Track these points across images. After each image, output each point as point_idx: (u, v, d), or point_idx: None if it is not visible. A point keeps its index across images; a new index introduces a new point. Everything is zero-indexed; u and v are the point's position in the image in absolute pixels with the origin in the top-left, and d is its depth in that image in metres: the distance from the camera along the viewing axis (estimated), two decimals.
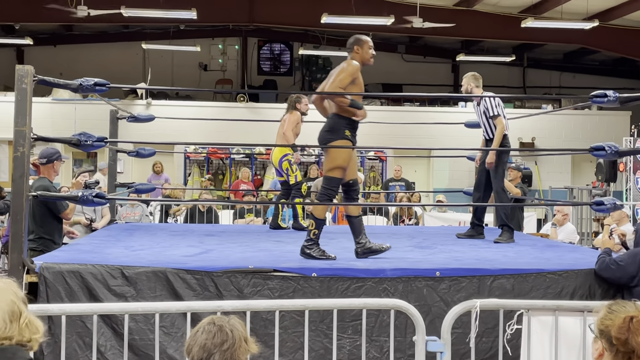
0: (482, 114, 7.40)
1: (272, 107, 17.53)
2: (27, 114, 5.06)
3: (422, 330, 3.72)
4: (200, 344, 2.45)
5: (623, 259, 5.30)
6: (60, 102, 16.70)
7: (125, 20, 16.76)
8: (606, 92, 5.94)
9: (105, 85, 5.58)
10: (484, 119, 7.45)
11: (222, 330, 2.46)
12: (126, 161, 16.12)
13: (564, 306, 4.07)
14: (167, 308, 4.07)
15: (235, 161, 17.21)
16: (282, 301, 4.33)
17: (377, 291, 5.10)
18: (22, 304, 2.47)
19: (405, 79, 19.86)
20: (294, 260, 5.64)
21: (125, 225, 9.12)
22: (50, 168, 6.65)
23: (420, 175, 18.23)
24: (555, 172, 18.31)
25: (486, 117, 7.37)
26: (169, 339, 4.81)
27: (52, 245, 6.46)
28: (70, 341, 4.69)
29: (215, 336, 2.45)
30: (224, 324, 2.48)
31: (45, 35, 18.99)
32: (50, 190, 6.35)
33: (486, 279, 5.23)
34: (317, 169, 14.70)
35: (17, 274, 4.89)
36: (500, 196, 7.43)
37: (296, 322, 4.78)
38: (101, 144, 5.61)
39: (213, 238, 7.35)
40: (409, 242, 7.20)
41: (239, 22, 18.18)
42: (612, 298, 5.17)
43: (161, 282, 5.00)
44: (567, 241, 9.26)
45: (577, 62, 20.80)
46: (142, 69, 19.35)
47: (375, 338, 4.95)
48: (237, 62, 20.14)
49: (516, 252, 6.60)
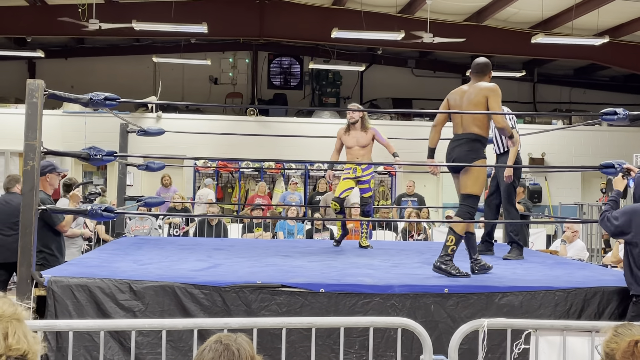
0: (495, 128, 7.31)
1: (282, 121, 17.58)
2: (38, 128, 5.08)
3: (429, 349, 3.70)
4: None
5: (618, 217, 5.36)
6: (70, 115, 16.77)
7: (137, 34, 16.87)
8: (616, 110, 5.92)
9: (116, 99, 5.61)
10: (497, 133, 7.41)
11: (228, 349, 2.44)
12: (136, 174, 16.17)
13: (572, 326, 4.04)
14: (174, 325, 4.06)
15: (244, 175, 17.23)
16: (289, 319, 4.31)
17: (384, 307, 5.09)
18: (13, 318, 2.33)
19: (415, 94, 19.88)
20: (302, 275, 5.63)
21: (134, 238, 9.14)
22: (44, 181, 6.63)
23: (429, 190, 18.20)
24: (565, 187, 18.25)
25: (499, 131, 7.23)
26: (176, 353, 4.81)
27: (50, 258, 6.47)
28: (78, 355, 4.70)
29: (222, 355, 2.43)
30: (230, 343, 2.47)
31: (57, 48, 19.11)
32: (47, 203, 6.38)
33: (494, 296, 5.22)
34: (325, 183, 14.70)
35: (25, 288, 4.90)
36: (510, 213, 7.41)
37: (303, 337, 4.77)
38: (111, 158, 5.62)
39: (221, 252, 7.36)
40: (417, 258, 7.19)
41: (250, 36, 18.26)
42: (621, 316, 5.16)
43: (169, 296, 5.01)
44: (576, 258, 9.21)
45: (587, 78, 20.77)
46: (153, 82, 19.44)
47: (382, 354, 4.93)
48: (248, 76, 20.21)
49: (525, 269, 6.57)
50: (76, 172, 17.22)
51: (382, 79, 20.32)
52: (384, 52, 18.86)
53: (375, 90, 20.07)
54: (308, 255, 7.30)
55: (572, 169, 15.62)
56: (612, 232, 5.44)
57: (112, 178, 16.73)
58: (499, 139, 7.47)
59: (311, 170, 16.97)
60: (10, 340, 2.26)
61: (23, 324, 2.33)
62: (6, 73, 19.05)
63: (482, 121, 5.97)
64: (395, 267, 6.50)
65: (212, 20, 15.48)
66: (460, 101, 6.09)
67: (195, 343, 3.75)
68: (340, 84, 20.09)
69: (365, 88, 20.48)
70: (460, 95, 6.11)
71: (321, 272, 5.95)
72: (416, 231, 12.36)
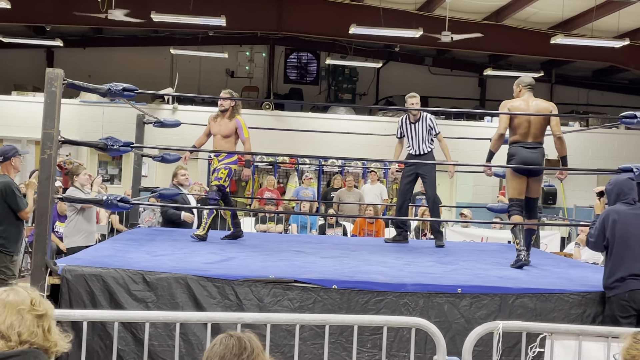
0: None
1: (297, 116, 17.55)
2: (56, 117, 5.10)
3: (443, 350, 3.68)
4: (219, 354, 2.44)
5: (592, 234, 5.52)
6: (88, 104, 16.82)
7: (155, 25, 16.88)
8: (636, 114, 5.90)
9: (133, 90, 5.61)
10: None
11: (240, 341, 2.46)
12: (150, 165, 16.20)
13: (588, 331, 4.01)
14: (188, 318, 4.07)
15: (258, 169, 17.23)
16: (303, 315, 4.31)
17: (397, 305, 5.07)
18: (43, 312, 2.56)
19: (432, 92, 19.79)
20: (314, 271, 5.62)
21: (148, 229, 9.16)
22: (8, 165, 6.68)
23: (443, 189, 18.12)
24: (581, 190, 18.11)
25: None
26: (188, 346, 4.82)
27: (6, 243, 6.55)
28: (93, 343, 4.72)
29: (234, 347, 2.45)
30: (241, 336, 2.49)
31: (76, 37, 19.17)
32: (12, 187, 6.43)
33: (508, 298, 5.19)
34: (340, 179, 14.68)
35: (40, 276, 4.92)
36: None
37: (315, 334, 4.76)
38: (127, 149, 5.64)
39: (234, 246, 7.36)
40: (430, 258, 7.16)
41: (267, 30, 18.25)
42: (638, 321, 5.11)
43: (182, 288, 5.02)
44: (590, 261, 9.15)
45: (606, 80, 20.63)
46: (170, 73, 19.46)
47: (395, 353, 4.91)
48: (264, 70, 20.20)
49: (539, 271, 6.53)
50: (92, 161, 17.29)
51: (398, 76, 20.26)
52: (401, 49, 18.80)
53: (392, 87, 20.01)
54: (321, 251, 7.29)
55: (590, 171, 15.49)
56: (594, 242, 5.50)
57: (127, 168, 16.78)
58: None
59: (325, 166, 16.95)
60: (51, 335, 2.56)
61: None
62: (25, 61, 19.13)
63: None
64: (408, 265, 6.47)
65: (230, 13, 15.47)
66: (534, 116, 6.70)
67: (207, 336, 3.76)
68: (356, 80, 20.05)
69: (381, 85, 20.43)
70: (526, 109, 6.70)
71: (334, 268, 5.94)
72: (429, 230, 12.32)
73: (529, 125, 6.64)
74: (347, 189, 13.87)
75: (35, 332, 2.49)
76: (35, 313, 2.51)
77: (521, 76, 6.99)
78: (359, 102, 20.03)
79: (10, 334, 2.46)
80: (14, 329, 2.47)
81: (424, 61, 20.40)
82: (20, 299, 2.53)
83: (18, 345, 2.47)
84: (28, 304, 2.52)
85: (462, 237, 12.25)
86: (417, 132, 8.29)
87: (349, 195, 13.58)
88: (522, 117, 6.60)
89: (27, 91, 17.55)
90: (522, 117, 6.60)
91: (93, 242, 8.47)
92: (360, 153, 15.73)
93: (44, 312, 2.54)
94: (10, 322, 2.47)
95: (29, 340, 2.49)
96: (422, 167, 8.28)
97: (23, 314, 2.49)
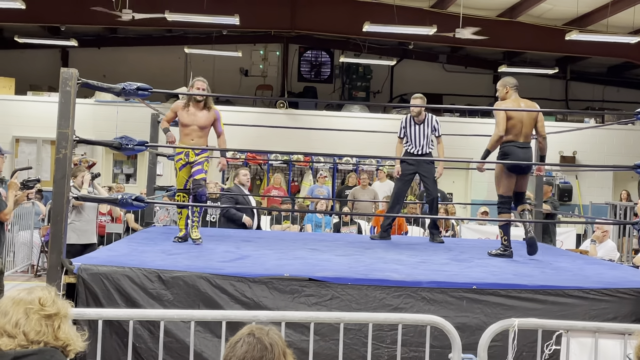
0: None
1: (311, 114, 17.55)
2: (70, 117, 5.12)
3: (458, 347, 3.67)
4: (239, 356, 2.42)
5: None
6: (102, 104, 16.90)
7: (169, 25, 16.94)
8: None
9: (148, 90, 5.63)
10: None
11: (261, 343, 2.43)
12: (165, 164, 16.26)
13: (605, 328, 3.98)
14: (203, 316, 4.07)
15: (273, 167, 17.25)
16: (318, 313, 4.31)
17: (414, 300, 5.06)
18: (52, 312, 2.59)
19: (446, 89, 19.76)
20: (329, 269, 5.62)
21: (163, 228, 9.19)
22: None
23: (458, 186, 18.10)
24: (596, 187, 18.04)
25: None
26: (204, 343, 4.83)
27: None
28: (110, 341, 4.74)
29: (255, 349, 2.42)
30: (263, 337, 2.45)
31: (90, 37, 19.27)
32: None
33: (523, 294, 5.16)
34: (355, 177, 14.67)
35: (55, 275, 4.95)
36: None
37: (333, 329, 4.75)
38: (142, 148, 5.65)
39: (249, 244, 7.37)
40: (445, 255, 7.14)
41: (281, 28, 18.27)
42: None
43: (197, 286, 5.02)
44: (606, 258, 9.10)
45: (621, 76, 20.51)
46: (184, 72, 19.52)
47: (415, 349, 4.89)
48: (278, 68, 20.22)
49: (554, 268, 6.50)
50: (107, 160, 17.37)
51: (412, 73, 20.23)
52: (415, 46, 18.76)
53: (406, 85, 19.97)
54: (335, 249, 7.28)
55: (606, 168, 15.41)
56: None
57: (142, 167, 16.84)
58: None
59: (339, 164, 16.94)
60: (60, 334, 2.58)
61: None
62: (40, 61, 19.25)
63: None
64: (423, 263, 6.46)
65: (244, 12, 15.49)
66: (521, 115, 6.99)
67: (223, 334, 3.76)
68: (370, 78, 20.02)
69: (395, 82, 20.40)
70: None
71: (349, 266, 5.93)
72: (444, 227, 12.29)
73: (522, 126, 6.98)
74: (362, 186, 13.86)
75: (43, 332, 2.52)
76: (43, 313, 2.53)
77: (505, 77, 7.34)
78: (373, 100, 20.01)
79: (15, 333, 2.49)
80: (19, 328, 2.49)
81: (438, 58, 20.36)
82: (30, 299, 2.55)
83: (30, 344, 2.50)
84: (37, 303, 2.54)
85: (477, 235, 12.22)
86: (423, 133, 8.30)
87: (364, 193, 13.57)
88: (517, 118, 6.92)
89: (43, 91, 17.66)
90: (517, 118, 6.92)
91: (89, 241, 8.46)
92: (374, 151, 15.69)
93: (53, 312, 2.55)
94: (15, 321, 2.50)
95: (40, 340, 2.51)
96: (423, 167, 8.27)
97: (29, 314, 2.52)
